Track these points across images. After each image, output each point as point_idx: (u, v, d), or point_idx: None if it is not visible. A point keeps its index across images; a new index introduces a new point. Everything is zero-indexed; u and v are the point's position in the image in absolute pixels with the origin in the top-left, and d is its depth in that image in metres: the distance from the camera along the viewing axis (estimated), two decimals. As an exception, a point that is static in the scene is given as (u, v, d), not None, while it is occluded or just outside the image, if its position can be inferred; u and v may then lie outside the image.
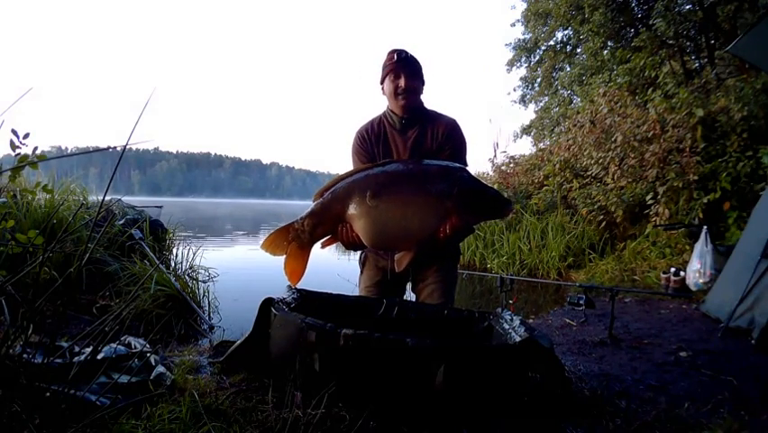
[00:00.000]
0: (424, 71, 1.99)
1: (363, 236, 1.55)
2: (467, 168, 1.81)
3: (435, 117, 1.99)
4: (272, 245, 1.63)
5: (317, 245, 1.68)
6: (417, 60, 1.97)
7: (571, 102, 13.08)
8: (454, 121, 2.00)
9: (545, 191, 7.18)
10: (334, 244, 1.70)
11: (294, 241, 1.61)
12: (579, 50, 12.37)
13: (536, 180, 7.80)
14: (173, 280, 3.14)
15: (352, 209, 1.54)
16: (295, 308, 1.72)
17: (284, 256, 1.65)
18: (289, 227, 1.62)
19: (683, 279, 4.19)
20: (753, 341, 2.68)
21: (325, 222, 1.59)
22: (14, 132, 1.56)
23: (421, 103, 2.00)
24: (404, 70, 1.90)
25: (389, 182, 1.54)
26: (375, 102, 1.99)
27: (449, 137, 1.94)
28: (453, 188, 1.50)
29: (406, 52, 1.94)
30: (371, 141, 2.00)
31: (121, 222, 3.82)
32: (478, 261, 7.02)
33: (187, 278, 3.56)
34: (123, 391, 1.39)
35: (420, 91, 1.98)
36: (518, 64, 14.86)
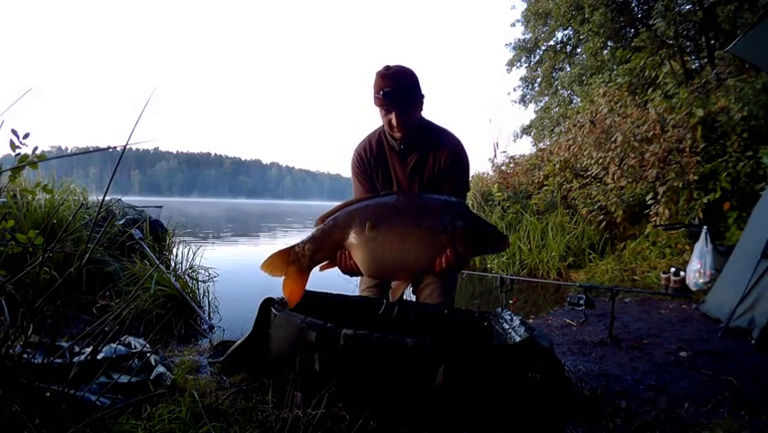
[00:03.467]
0: (420, 82, 1.82)
1: (361, 266, 1.57)
2: (466, 199, 1.81)
3: (438, 140, 1.91)
4: (272, 267, 1.65)
5: (316, 268, 1.70)
6: (409, 81, 1.79)
7: (571, 102, 13.09)
8: (457, 144, 1.94)
9: (545, 191, 7.17)
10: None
11: (293, 264, 1.64)
12: (579, 50, 12.38)
13: (536, 180, 7.79)
14: (173, 280, 3.13)
15: (352, 238, 1.56)
16: (295, 308, 1.73)
17: (283, 277, 1.67)
18: (290, 250, 1.64)
19: (683, 279, 4.19)
20: (753, 341, 2.67)
21: (325, 248, 1.62)
22: (14, 132, 1.56)
23: (420, 118, 1.90)
24: (395, 107, 1.78)
25: (388, 215, 1.56)
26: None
27: (453, 165, 1.89)
28: (450, 223, 1.52)
29: (395, 81, 1.75)
30: (370, 163, 1.97)
31: (121, 222, 3.82)
32: (478, 261, 7.01)
33: (187, 278, 3.56)
34: (123, 391, 1.39)
35: (418, 113, 1.87)
36: (518, 64, 14.89)
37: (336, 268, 1.64)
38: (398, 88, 1.76)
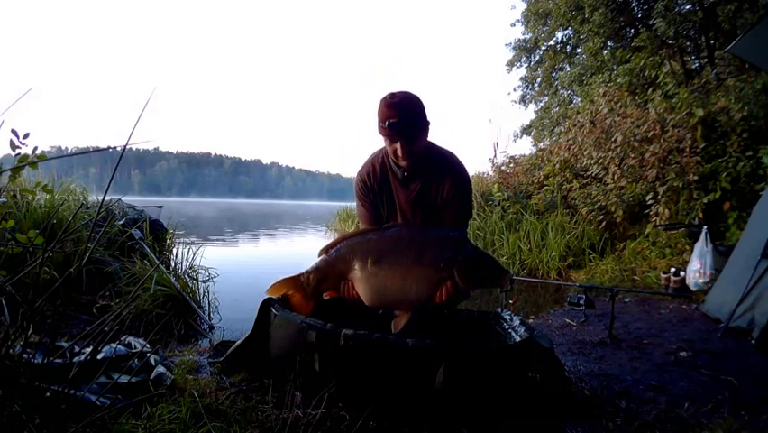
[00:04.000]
0: (426, 109, 1.80)
1: (363, 297, 1.62)
2: (468, 224, 1.80)
3: (441, 168, 1.89)
4: (277, 293, 1.70)
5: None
6: (415, 109, 1.75)
7: (571, 102, 13.09)
8: (460, 170, 1.94)
9: (545, 191, 7.17)
10: None
11: (299, 292, 1.68)
12: (579, 50, 12.37)
13: (536, 180, 7.79)
14: (173, 280, 3.13)
15: (354, 272, 1.61)
16: (295, 308, 1.73)
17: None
18: (295, 279, 1.68)
19: (683, 279, 4.19)
20: (753, 341, 2.67)
21: (329, 279, 1.66)
22: (14, 132, 1.56)
23: (425, 143, 1.87)
24: (401, 137, 1.74)
25: (390, 251, 1.59)
26: (375, 102, 1.94)
27: (455, 195, 1.89)
28: (451, 258, 1.55)
29: (400, 111, 1.71)
30: (374, 189, 1.96)
31: (121, 222, 3.81)
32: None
33: (187, 278, 3.56)
34: (123, 391, 1.39)
35: (423, 140, 1.85)
36: (518, 64, 14.89)
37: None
38: (404, 117, 1.72)
